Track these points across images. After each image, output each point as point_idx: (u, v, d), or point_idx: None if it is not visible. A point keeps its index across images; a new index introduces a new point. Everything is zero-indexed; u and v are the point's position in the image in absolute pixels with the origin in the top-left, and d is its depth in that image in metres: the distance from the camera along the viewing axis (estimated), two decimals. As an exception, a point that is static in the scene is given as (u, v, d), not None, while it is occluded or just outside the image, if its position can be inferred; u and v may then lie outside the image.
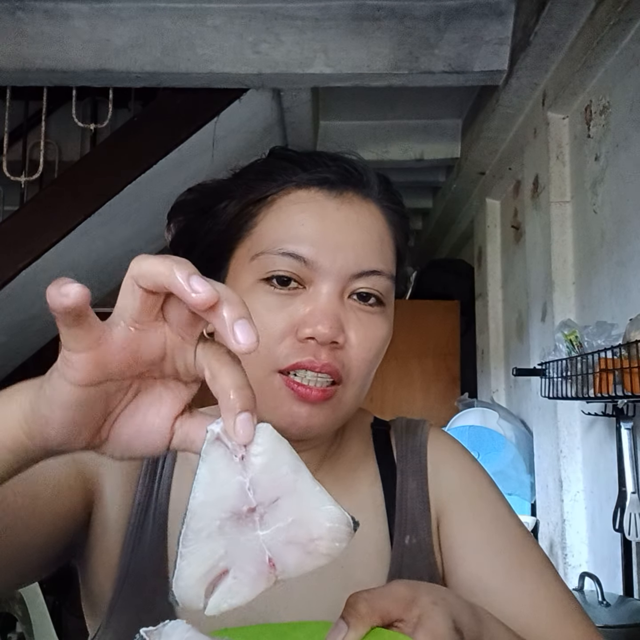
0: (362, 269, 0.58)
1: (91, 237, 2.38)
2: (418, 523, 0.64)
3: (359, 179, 0.61)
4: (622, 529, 1.38)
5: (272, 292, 0.57)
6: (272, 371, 0.57)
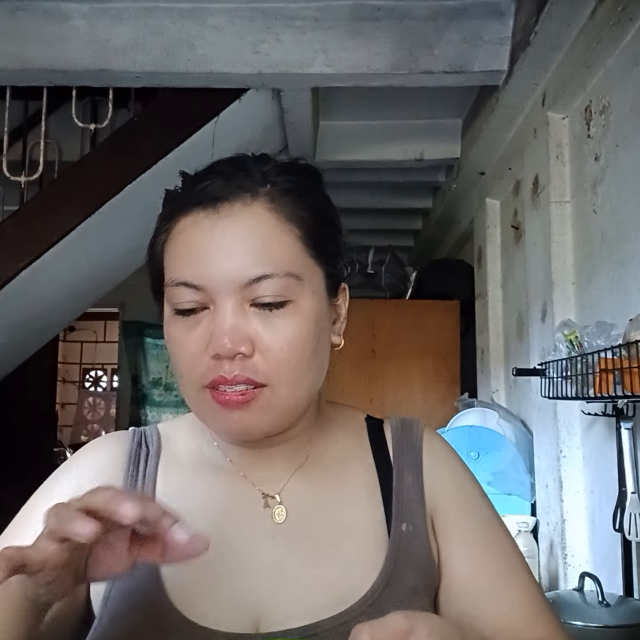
0: (248, 277, 0.60)
1: (91, 237, 2.37)
2: (414, 512, 0.67)
3: (237, 187, 0.62)
4: (622, 529, 1.38)
5: (183, 321, 0.62)
6: (201, 388, 0.62)
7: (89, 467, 0.70)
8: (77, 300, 2.97)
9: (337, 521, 0.66)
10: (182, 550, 0.50)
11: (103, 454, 0.71)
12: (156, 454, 0.71)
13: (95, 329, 7.11)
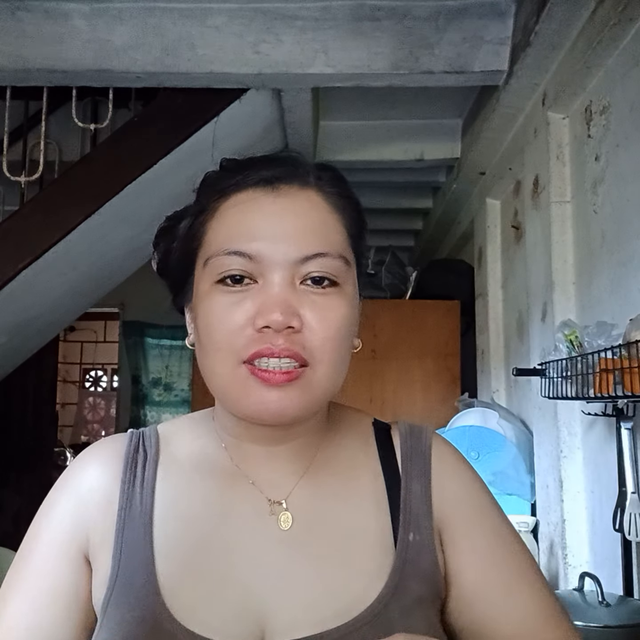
0: (304, 253, 0.61)
1: (91, 237, 2.37)
2: (421, 522, 0.66)
3: (293, 172, 0.64)
4: (622, 529, 1.38)
5: (227, 292, 0.61)
6: (238, 363, 0.60)
7: (85, 477, 0.69)
8: (77, 300, 2.97)
9: (343, 529, 0.65)
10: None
11: (98, 462, 0.69)
12: (154, 458, 0.69)
13: (95, 329, 7.11)
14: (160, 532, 0.64)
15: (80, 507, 0.67)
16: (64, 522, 0.66)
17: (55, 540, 0.65)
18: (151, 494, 0.67)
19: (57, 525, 0.66)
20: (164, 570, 0.62)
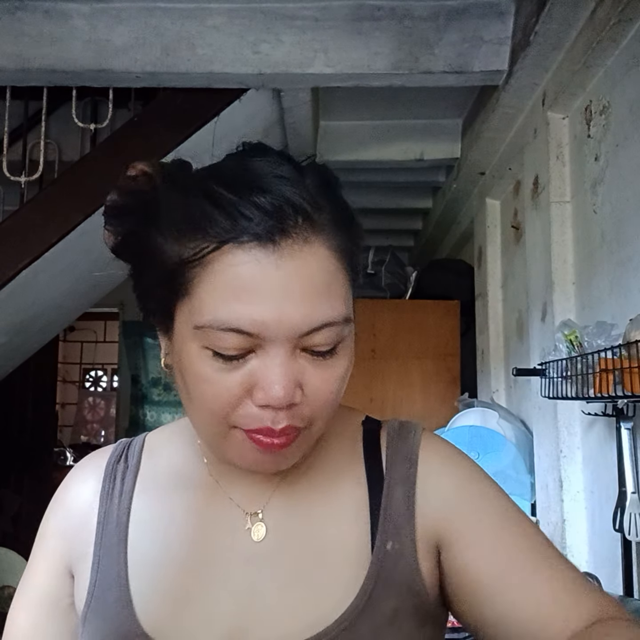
0: (311, 326, 0.55)
1: (91, 237, 2.37)
2: (401, 530, 0.62)
3: (294, 215, 0.54)
4: (622, 529, 1.38)
5: (220, 362, 0.55)
6: (232, 427, 0.57)
7: (70, 492, 0.71)
8: (77, 300, 2.97)
9: (318, 541, 0.62)
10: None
11: (82, 476, 0.71)
12: (134, 469, 0.69)
13: (95, 329, 7.11)
14: (134, 549, 0.65)
15: (65, 521, 0.70)
16: (53, 537, 0.70)
17: (46, 556, 0.69)
18: (127, 507, 0.67)
19: (48, 541, 0.70)
20: (137, 587, 0.62)
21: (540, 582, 0.59)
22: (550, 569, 0.60)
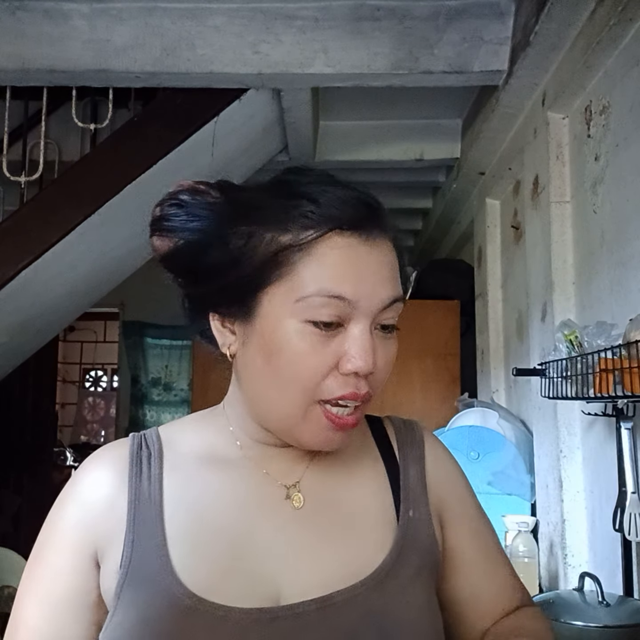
0: (387, 302, 0.66)
1: (91, 237, 2.37)
2: (419, 500, 0.74)
3: (379, 215, 0.68)
4: (622, 529, 1.38)
5: (317, 334, 0.64)
6: (315, 402, 0.65)
7: (90, 481, 0.72)
8: (77, 300, 2.97)
9: (350, 506, 0.72)
10: None
11: (103, 464, 0.73)
12: (159, 454, 0.72)
13: (95, 329, 7.11)
14: (171, 518, 0.68)
15: (88, 511, 0.70)
16: (73, 528, 0.69)
17: (66, 547, 0.69)
18: (159, 486, 0.70)
19: (67, 532, 0.70)
20: (178, 552, 0.66)
21: (503, 574, 0.79)
22: (507, 565, 0.80)
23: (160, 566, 0.65)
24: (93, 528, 0.69)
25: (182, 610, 0.63)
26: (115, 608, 0.65)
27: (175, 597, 0.63)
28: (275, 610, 0.64)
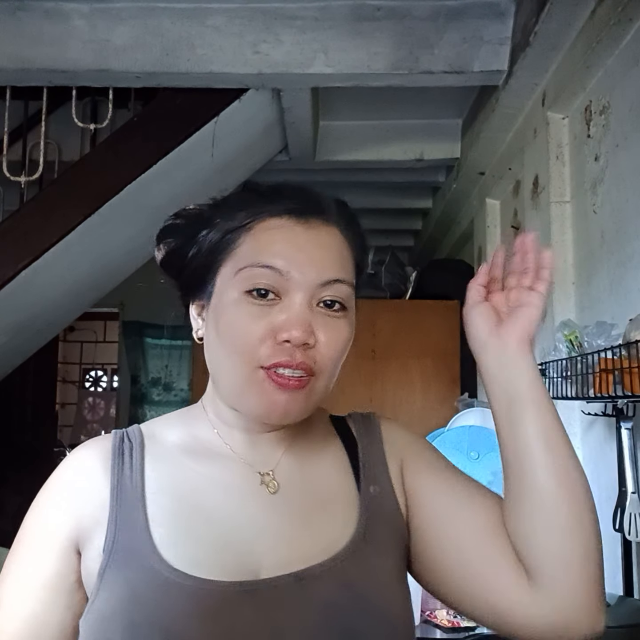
0: (325, 278, 0.71)
1: (91, 237, 2.37)
2: (379, 476, 0.79)
3: (320, 207, 0.74)
4: (622, 529, 1.38)
5: (254, 303, 0.70)
6: (256, 367, 0.70)
7: (73, 470, 0.76)
8: (77, 300, 2.97)
9: (320, 490, 0.78)
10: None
11: (86, 455, 0.77)
12: (140, 446, 0.76)
13: (95, 329, 7.10)
14: (152, 502, 0.72)
15: (70, 498, 0.73)
16: (55, 514, 0.73)
17: (47, 531, 0.72)
18: (141, 474, 0.74)
19: (49, 517, 0.73)
20: (159, 532, 0.70)
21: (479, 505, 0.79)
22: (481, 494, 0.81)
23: (143, 545, 0.68)
24: (75, 513, 0.72)
25: (165, 584, 0.66)
26: (98, 590, 0.68)
27: (159, 573, 0.67)
28: (256, 583, 0.68)
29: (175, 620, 0.65)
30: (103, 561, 0.68)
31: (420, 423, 2.75)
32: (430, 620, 1.73)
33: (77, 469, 0.76)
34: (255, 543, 0.72)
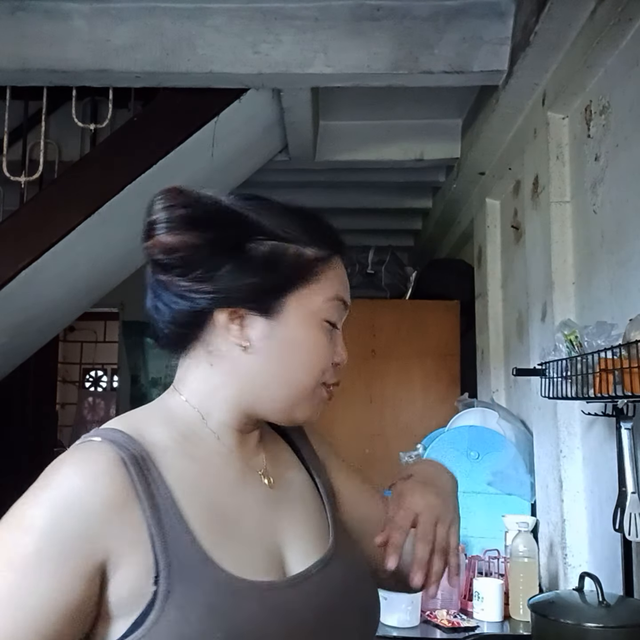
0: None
1: (91, 237, 2.37)
2: (319, 468, 0.92)
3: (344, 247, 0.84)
4: (622, 529, 1.38)
5: (329, 331, 0.81)
6: (320, 384, 0.81)
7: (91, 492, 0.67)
8: (77, 300, 2.97)
9: (296, 486, 0.87)
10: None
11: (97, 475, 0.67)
12: (146, 455, 0.71)
13: (95, 329, 7.10)
14: (185, 512, 0.70)
15: (93, 522, 0.65)
16: (71, 538, 0.65)
17: (64, 558, 0.64)
18: (163, 483, 0.70)
19: (64, 544, 0.64)
20: (207, 542, 0.69)
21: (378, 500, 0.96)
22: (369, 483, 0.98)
23: (199, 559, 0.68)
24: (101, 537, 0.65)
25: (235, 594, 0.68)
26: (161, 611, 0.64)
27: (225, 584, 0.68)
28: (300, 576, 0.76)
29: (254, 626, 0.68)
30: (162, 583, 0.65)
31: (420, 423, 2.75)
32: (430, 620, 1.73)
33: (92, 489, 0.66)
34: (276, 538, 0.78)
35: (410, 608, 1.70)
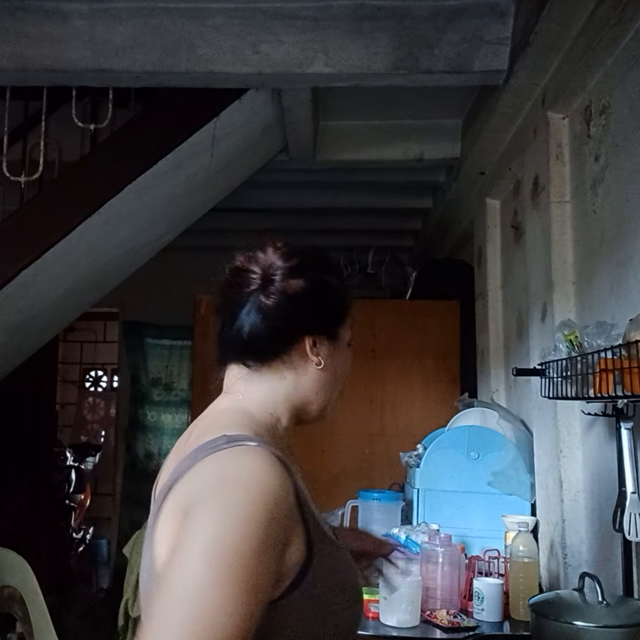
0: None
1: (91, 237, 2.37)
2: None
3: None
4: (622, 529, 1.38)
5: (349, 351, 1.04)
6: (340, 391, 1.03)
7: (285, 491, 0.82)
8: (77, 300, 2.97)
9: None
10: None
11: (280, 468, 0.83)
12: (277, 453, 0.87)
13: (95, 329, 7.10)
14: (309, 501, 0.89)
15: (289, 514, 0.82)
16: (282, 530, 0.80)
17: (276, 544, 0.78)
18: (301, 486, 0.89)
19: (280, 532, 0.79)
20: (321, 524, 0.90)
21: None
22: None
23: (324, 534, 0.88)
24: (290, 523, 0.81)
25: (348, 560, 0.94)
26: (305, 574, 0.82)
27: (338, 547, 0.91)
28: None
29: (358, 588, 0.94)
30: (313, 550, 0.84)
31: (420, 423, 2.75)
32: (430, 620, 1.73)
33: (286, 488, 0.82)
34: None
35: (410, 608, 1.70)
